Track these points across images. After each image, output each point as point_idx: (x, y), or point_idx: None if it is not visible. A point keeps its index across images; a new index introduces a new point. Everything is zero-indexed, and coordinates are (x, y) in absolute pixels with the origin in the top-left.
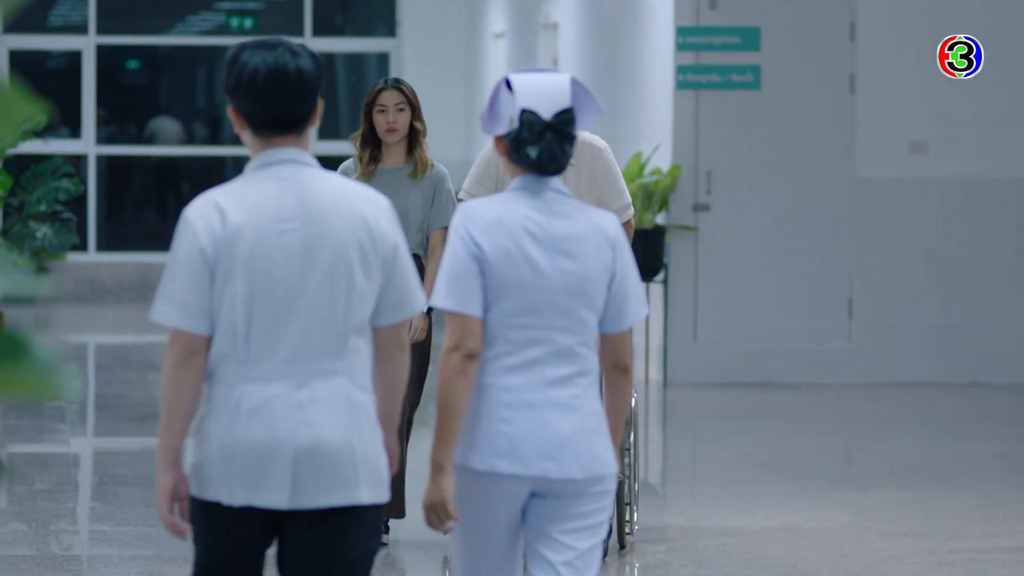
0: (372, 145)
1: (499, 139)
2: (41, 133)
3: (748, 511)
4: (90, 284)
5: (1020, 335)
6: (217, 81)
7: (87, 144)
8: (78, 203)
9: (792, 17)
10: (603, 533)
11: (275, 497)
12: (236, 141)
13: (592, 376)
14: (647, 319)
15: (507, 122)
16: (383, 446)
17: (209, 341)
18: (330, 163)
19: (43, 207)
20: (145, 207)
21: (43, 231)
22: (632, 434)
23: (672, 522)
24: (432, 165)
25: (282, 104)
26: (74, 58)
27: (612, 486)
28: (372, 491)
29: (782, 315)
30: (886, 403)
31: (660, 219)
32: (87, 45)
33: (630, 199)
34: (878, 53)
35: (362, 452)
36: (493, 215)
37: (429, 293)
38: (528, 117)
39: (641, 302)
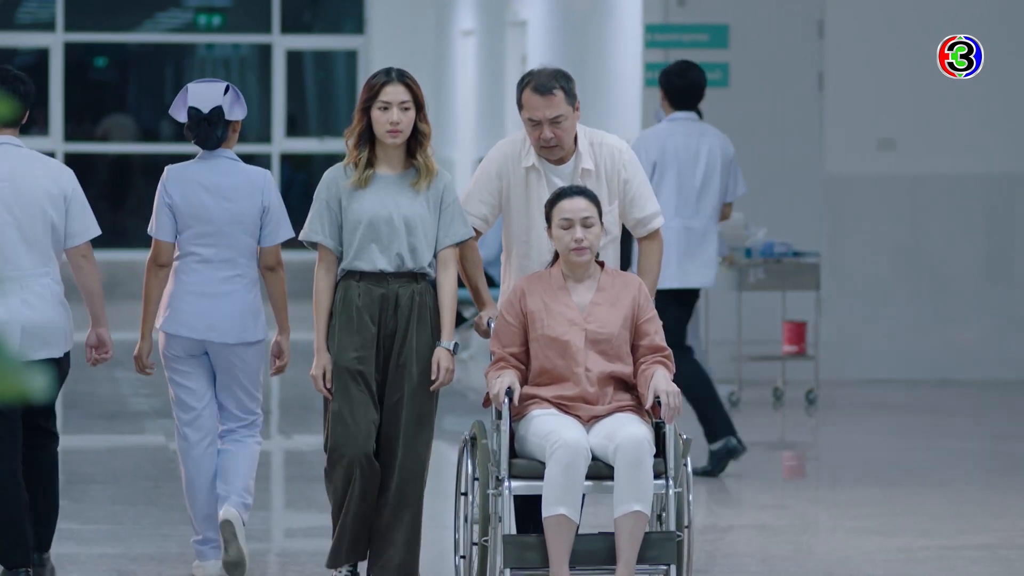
0: (369, 146)
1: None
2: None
3: (717, 508)
4: None
5: (989, 332)
6: (186, 78)
7: (55, 141)
8: None
9: (760, 15)
10: (258, 386)
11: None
12: None
13: (249, 277)
14: None
15: (185, 113)
16: (70, 321)
17: None
18: (297, 159)
19: None
20: (112, 204)
21: None
22: (688, 478)
23: None
24: (437, 172)
25: None
26: (42, 55)
27: (258, 352)
28: (63, 348)
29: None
30: (855, 400)
31: None
32: (55, 42)
33: (659, 206)
34: (846, 51)
35: (59, 324)
36: (180, 174)
37: (450, 332)
38: (193, 111)
39: (288, 229)
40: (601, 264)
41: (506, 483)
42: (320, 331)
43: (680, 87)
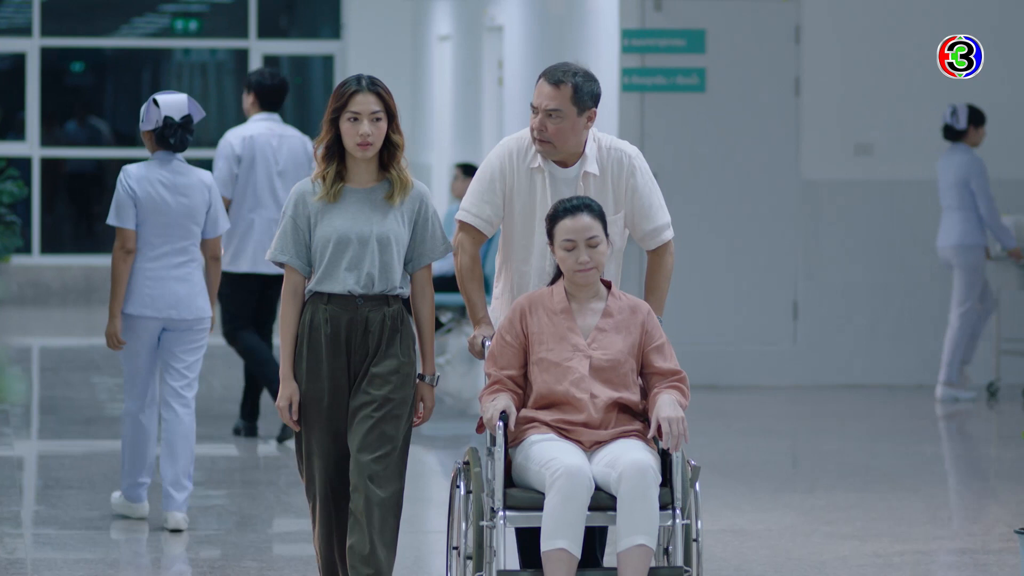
0: (338, 158)
1: (147, 132)
2: None
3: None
4: (34, 287)
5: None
6: (163, 83)
7: (31, 147)
8: (22, 206)
9: (737, 20)
10: (203, 351)
11: None
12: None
13: (198, 261)
14: None
15: (155, 122)
16: None
17: None
18: None
19: None
20: (88, 210)
21: None
22: (695, 508)
23: None
24: (412, 185)
25: None
26: (18, 60)
27: (207, 325)
28: None
29: (728, 317)
30: (832, 405)
31: None
32: (31, 47)
33: (670, 218)
34: (823, 56)
35: None
36: (141, 173)
37: (431, 364)
38: (168, 119)
39: (225, 221)
40: (608, 285)
41: (501, 514)
42: (286, 360)
43: (272, 87)
